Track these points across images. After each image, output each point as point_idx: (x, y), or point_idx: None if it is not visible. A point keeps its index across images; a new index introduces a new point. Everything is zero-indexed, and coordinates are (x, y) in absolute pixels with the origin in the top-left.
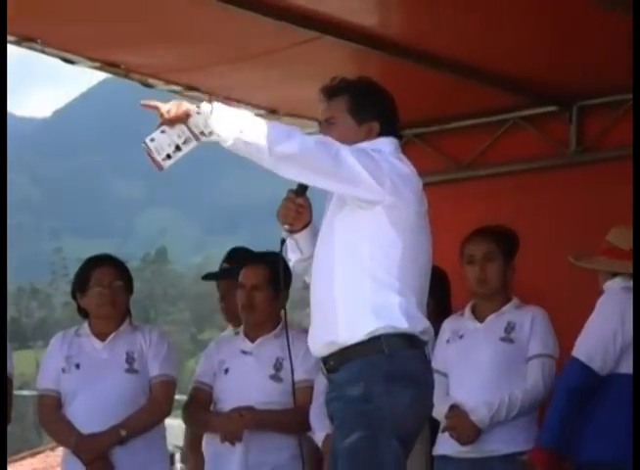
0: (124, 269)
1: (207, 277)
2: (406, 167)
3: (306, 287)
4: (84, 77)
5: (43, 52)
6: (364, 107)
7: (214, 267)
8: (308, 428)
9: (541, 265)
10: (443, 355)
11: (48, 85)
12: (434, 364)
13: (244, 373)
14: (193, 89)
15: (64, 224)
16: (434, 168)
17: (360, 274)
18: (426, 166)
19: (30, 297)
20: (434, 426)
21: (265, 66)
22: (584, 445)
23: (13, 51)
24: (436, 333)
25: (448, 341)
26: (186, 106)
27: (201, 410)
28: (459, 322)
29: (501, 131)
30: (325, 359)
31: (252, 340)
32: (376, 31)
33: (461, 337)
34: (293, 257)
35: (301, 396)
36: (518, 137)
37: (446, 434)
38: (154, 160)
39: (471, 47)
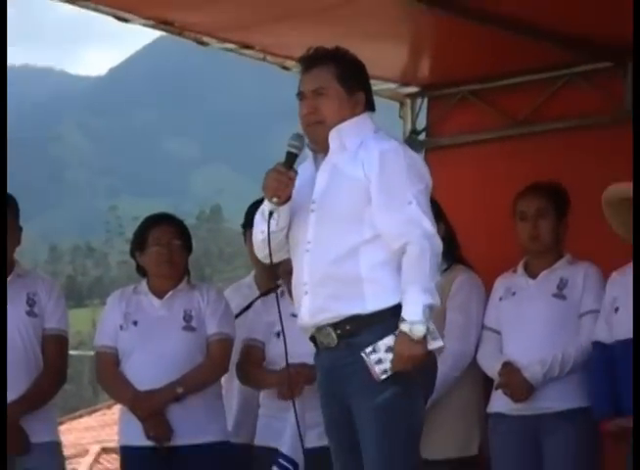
0: (183, 228)
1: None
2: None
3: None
4: (139, 36)
5: (97, 10)
6: (352, 76)
7: None
8: None
9: (594, 223)
10: (496, 313)
11: (103, 44)
12: (487, 322)
13: (295, 337)
14: (247, 47)
15: (119, 183)
16: (489, 125)
17: (389, 259)
18: (481, 123)
19: (86, 255)
20: (488, 384)
21: (320, 23)
22: None
23: (67, 10)
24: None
25: (501, 298)
26: (418, 359)
27: (256, 368)
28: (512, 279)
29: (556, 87)
30: (335, 325)
31: None
32: None
33: (513, 294)
34: (266, 228)
35: None
36: (573, 93)
37: (500, 391)
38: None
39: (525, 2)
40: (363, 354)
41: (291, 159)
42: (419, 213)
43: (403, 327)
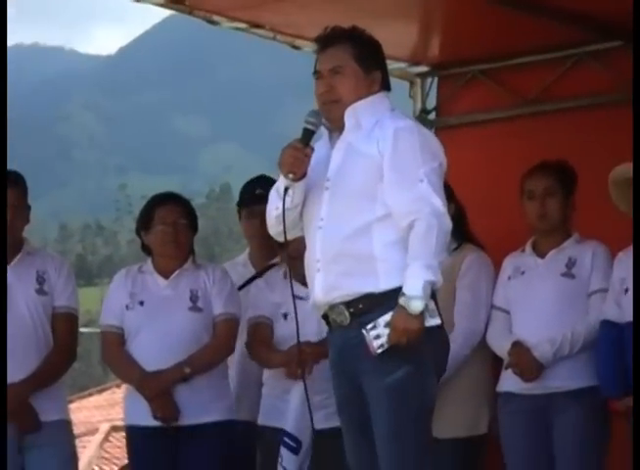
0: (189, 208)
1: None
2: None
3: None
4: (149, 14)
5: None
6: (369, 55)
7: None
8: None
9: (602, 202)
10: (505, 292)
11: (113, 23)
12: (496, 301)
13: (301, 318)
14: (258, 26)
15: (128, 161)
16: (499, 104)
17: (402, 238)
18: (491, 102)
19: (96, 234)
20: (497, 363)
21: (331, 2)
22: None
23: None
24: None
25: (510, 278)
26: (413, 333)
27: (263, 346)
28: (520, 259)
29: (566, 66)
30: (348, 303)
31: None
32: None
33: (522, 273)
34: (281, 204)
35: None
36: (583, 72)
37: (509, 371)
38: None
39: None
40: (364, 331)
41: (307, 135)
42: (429, 191)
43: (401, 301)
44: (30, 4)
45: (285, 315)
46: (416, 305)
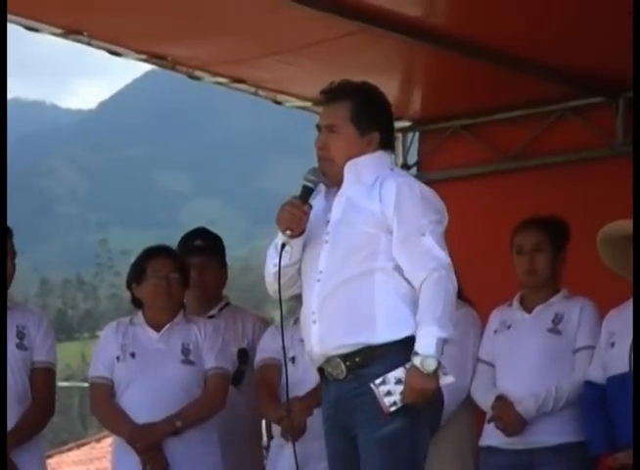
0: (181, 262)
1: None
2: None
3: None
4: (130, 69)
5: (89, 44)
6: (367, 116)
7: (261, 259)
8: None
9: (590, 256)
10: (490, 346)
11: (94, 77)
12: (481, 354)
13: (306, 364)
14: (239, 81)
15: (110, 216)
16: (481, 160)
17: (402, 289)
18: (473, 158)
19: (76, 288)
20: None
21: (312, 57)
22: None
23: (59, 43)
24: None
25: (496, 331)
26: (429, 392)
27: (267, 394)
28: (507, 313)
29: (548, 122)
30: (345, 356)
31: None
32: (421, 22)
33: (509, 327)
34: (278, 261)
35: None
36: (565, 128)
37: (492, 425)
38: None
39: (517, 37)
40: (372, 385)
41: (306, 192)
42: (433, 245)
43: (415, 360)
44: (10, 58)
45: (293, 359)
46: (429, 364)
